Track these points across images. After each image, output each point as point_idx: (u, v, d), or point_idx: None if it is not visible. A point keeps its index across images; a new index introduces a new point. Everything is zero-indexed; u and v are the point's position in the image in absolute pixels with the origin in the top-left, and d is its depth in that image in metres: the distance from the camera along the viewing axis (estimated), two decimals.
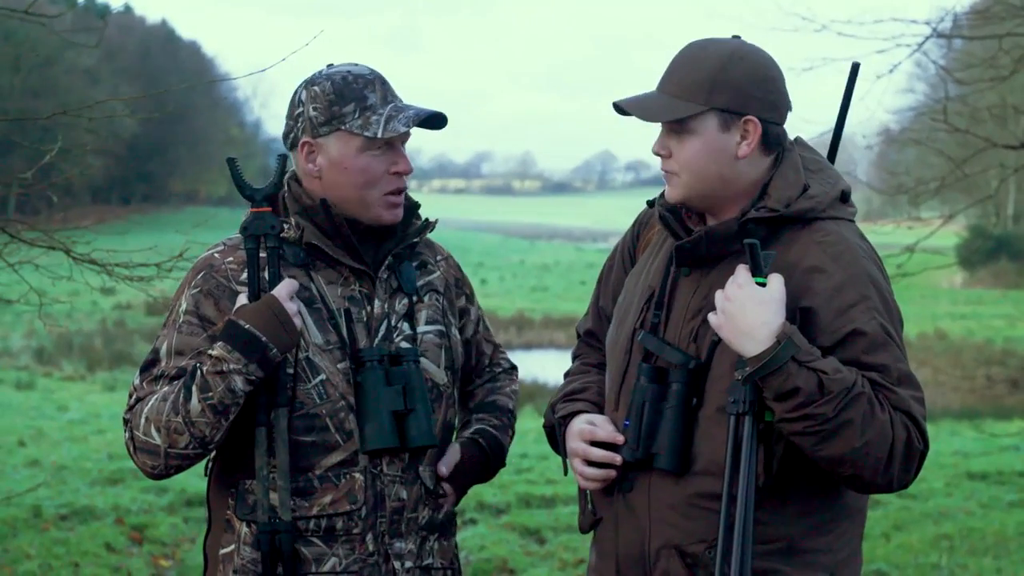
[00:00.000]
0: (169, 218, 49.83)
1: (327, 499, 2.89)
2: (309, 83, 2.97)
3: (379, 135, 2.90)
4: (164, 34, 68.98)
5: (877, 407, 2.56)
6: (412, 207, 3.07)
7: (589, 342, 3.14)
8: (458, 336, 3.15)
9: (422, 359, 2.99)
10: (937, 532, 9.07)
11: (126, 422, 2.89)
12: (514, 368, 3.39)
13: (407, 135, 2.97)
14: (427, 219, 3.12)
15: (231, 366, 2.77)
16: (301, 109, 2.96)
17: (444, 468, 3.03)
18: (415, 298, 3.05)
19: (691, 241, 2.77)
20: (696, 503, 2.71)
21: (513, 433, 3.26)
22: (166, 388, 2.83)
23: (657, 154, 2.80)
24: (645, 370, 2.78)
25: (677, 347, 2.76)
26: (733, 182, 2.76)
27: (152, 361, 2.90)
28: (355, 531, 2.90)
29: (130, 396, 2.91)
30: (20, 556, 7.74)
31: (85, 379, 20.64)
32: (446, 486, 3.05)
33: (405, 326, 3.01)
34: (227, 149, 56.60)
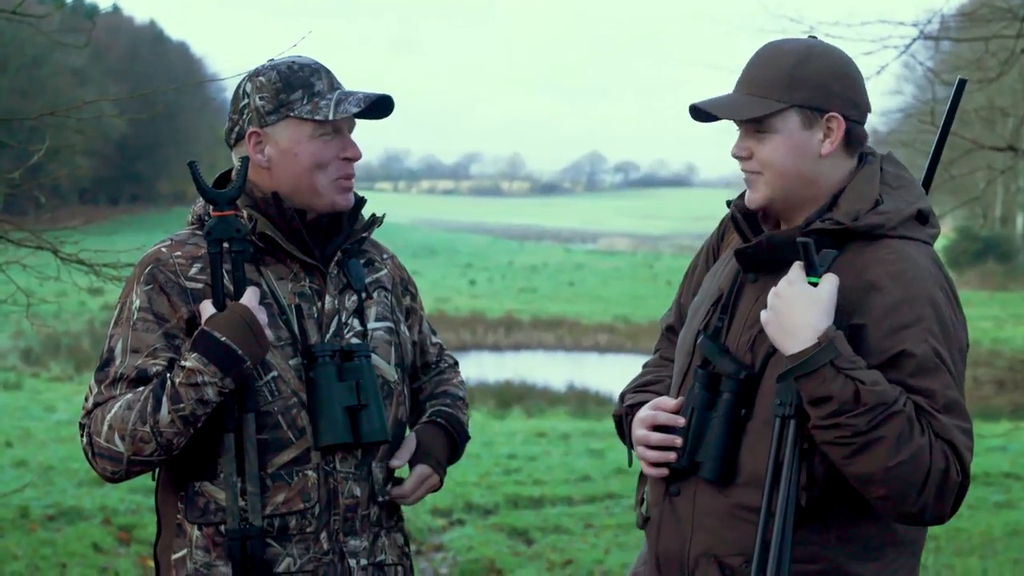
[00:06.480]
0: (157, 218, 49.82)
1: (280, 498, 2.85)
2: (253, 75, 2.95)
3: (330, 117, 2.87)
4: (152, 34, 68.86)
5: (917, 429, 2.47)
6: (358, 203, 3.04)
7: (669, 336, 3.11)
8: (407, 334, 3.13)
9: (373, 355, 2.97)
10: None
11: (83, 427, 2.83)
12: (457, 363, 3.38)
13: (354, 123, 2.97)
14: (374, 214, 3.09)
15: (206, 379, 2.72)
16: (246, 101, 2.93)
17: (397, 460, 3.00)
18: (364, 295, 3.03)
19: (752, 246, 2.73)
20: (737, 514, 2.68)
21: (467, 416, 3.25)
22: (129, 395, 2.77)
23: (737, 157, 2.73)
24: (700, 376, 2.74)
25: (732, 356, 2.73)
26: (815, 182, 2.69)
27: (107, 360, 2.83)
28: (309, 530, 2.87)
29: (86, 399, 2.84)
30: (7, 557, 7.72)
31: (72, 380, 20.60)
32: (404, 486, 3.03)
33: (355, 323, 2.99)
34: (215, 149, 56.53)
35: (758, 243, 2.72)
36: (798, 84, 2.66)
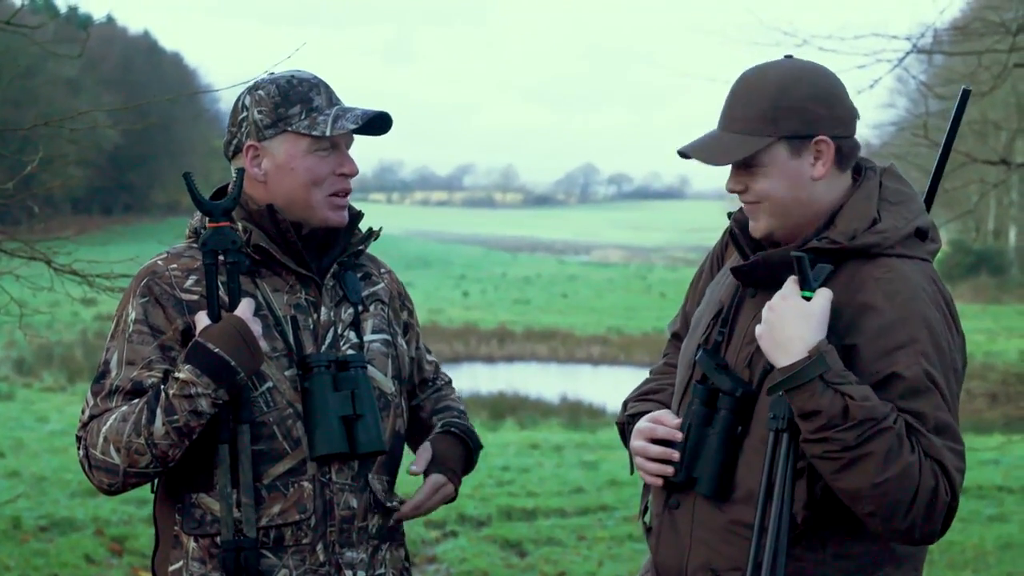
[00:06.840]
0: (151, 229, 49.71)
1: (276, 509, 2.84)
2: (252, 88, 2.96)
3: (327, 133, 2.88)
4: (146, 45, 68.88)
5: (906, 447, 2.46)
6: (355, 216, 3.05)
7: (675, 343, 3.12)
8: (404, 347, 3.13)
9: (369, 367, 2.96)
10: None
11: (79, 439, 2.84)
12: (451, 382, 3.39)
13: (351, 139, 2.98)
14: (371, 228, 3.10)
15: (199, 390, 2.72)
16: (245, 114, 2.94)
17: (415, 467, 3.03)
18: (361, 307, 3.03)
19: (748, 265, 2.73)
20: (734, 530, 2.68)
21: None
22: (124, 408, 2.78)
23: (732, 191, 2.71)
24: (699, 391, 2.74)
25: (729, 372, 2.72)
26: (812, 205, 2.67)
27: (103, 373, 2.84)
28: (304, 541, 2.87)
29: (83, 412, 2.85)
30: None
31: (65, 390, 20.56)
32: (400, 498, 3.03)
33: (351, 335, 2.99)
34: (209, 160, 56.54)
35: (754, 262, 2.72)
36: (782, 115, 2.63)
